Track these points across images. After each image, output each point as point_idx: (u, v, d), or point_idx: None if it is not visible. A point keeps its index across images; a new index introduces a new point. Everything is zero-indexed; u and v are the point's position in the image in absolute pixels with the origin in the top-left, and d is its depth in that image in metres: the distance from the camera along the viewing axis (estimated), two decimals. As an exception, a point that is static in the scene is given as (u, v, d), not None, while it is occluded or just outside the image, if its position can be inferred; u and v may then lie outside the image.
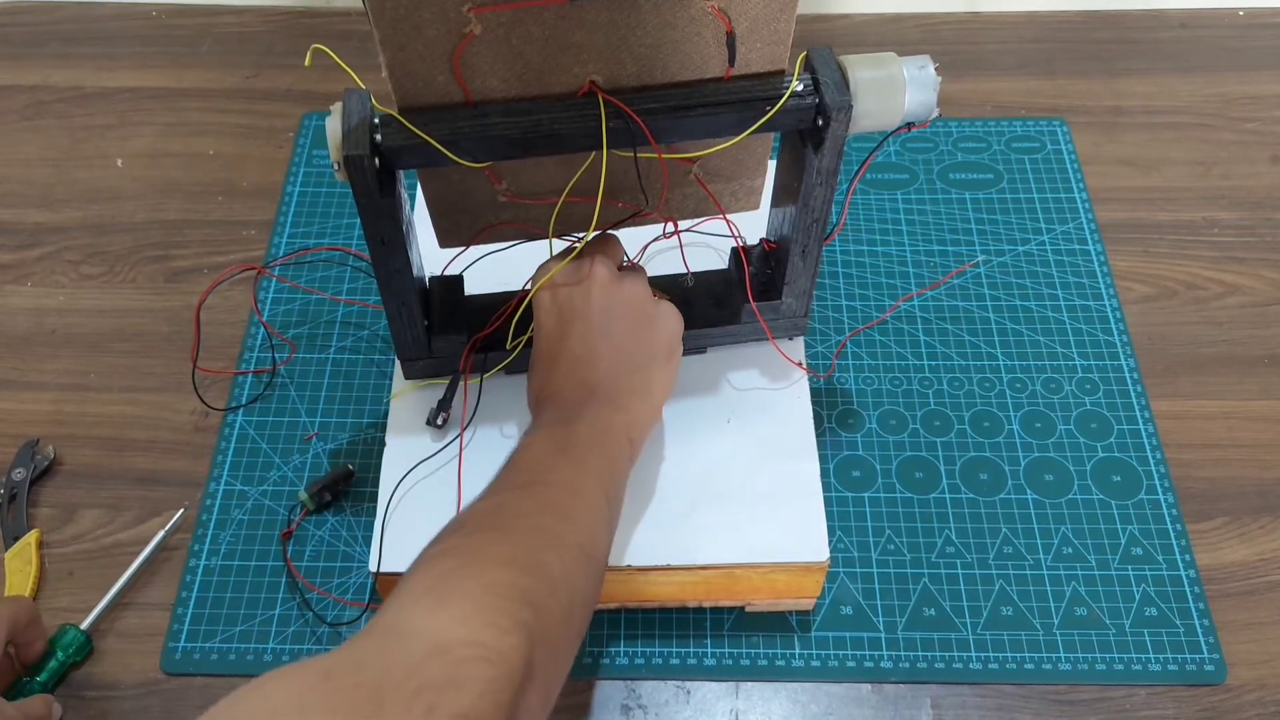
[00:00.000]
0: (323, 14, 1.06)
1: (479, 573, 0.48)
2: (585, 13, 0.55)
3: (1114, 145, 0.95)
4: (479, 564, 0.48)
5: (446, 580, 0.47)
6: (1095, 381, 0.80)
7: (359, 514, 0.73)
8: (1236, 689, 0.67)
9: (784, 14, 0.57)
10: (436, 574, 0.48)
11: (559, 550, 0.51)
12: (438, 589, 0.47)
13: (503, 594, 0.47)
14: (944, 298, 0.84)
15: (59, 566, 0.72)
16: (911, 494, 0.74)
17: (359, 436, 0.77)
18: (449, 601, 0.46)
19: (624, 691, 0.67)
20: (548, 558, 0.50)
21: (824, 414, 0.78)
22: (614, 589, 0.66)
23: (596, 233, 0.66)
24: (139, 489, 0.75)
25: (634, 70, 0.58)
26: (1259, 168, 0.94)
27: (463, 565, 0.48)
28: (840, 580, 0.71)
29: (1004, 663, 0.67)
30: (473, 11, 0.53)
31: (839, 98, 0.57)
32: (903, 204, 0.91)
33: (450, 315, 0.69)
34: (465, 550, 0.49)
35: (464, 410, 0.68)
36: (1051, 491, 0.74)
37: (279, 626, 0.69)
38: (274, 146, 0.95)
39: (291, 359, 0.81)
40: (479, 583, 0.47)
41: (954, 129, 0.96)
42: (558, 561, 0.51)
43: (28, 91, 0.99)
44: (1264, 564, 0.72)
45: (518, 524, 0.52)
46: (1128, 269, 0.87)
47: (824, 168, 0.60)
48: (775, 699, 0.67)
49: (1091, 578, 0.71)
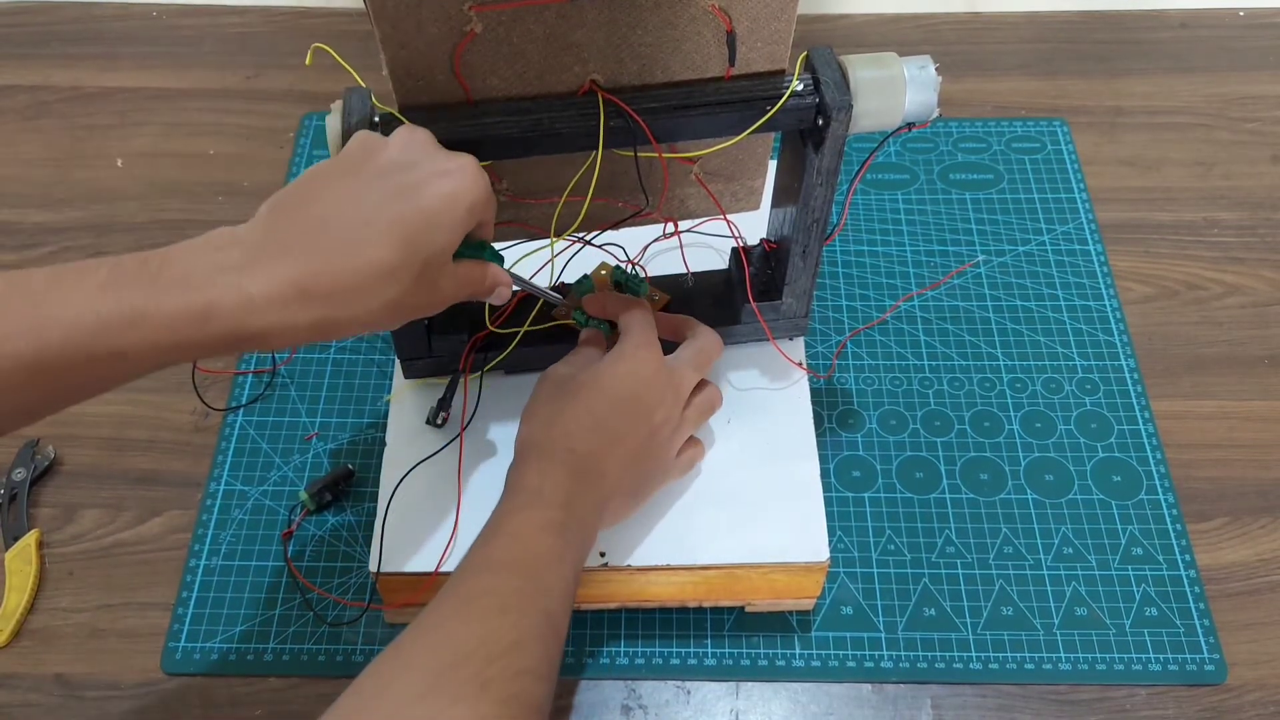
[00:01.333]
0: (323, 14, 1.06)
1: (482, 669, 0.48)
2: (586, 11, 0.55)
3: (1114, 145, 0.95)
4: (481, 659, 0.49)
5: (447, 675, 0.48)
6: (1095, 381, 0.80)
7: (359, 514, 0.73)
8: (1237, 689, 0.67)
9: (784, 14, 0.57)
10: (437, 668, 0.48)
11: (552, 640, 0.52)
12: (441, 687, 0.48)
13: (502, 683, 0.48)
14: (944, 298, 0.84)
15: (59, 566, 0.72)
16: (911, 494, 0.74)
17: (359, 436, 0.77)
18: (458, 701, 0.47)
19: (624, 691, 0.67)
20: (538, 649, 0.51)
21: (824, 414, 0.78)
22: (614, 589, 0.66)
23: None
24: (139, 489, 0.75)
25: (634, 69, 0.58)
26: (1259, 168, 0.94)
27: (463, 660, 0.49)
28: (840, 580, 0.71)
29: (1004, 663, 0.67)
30: (474, 10, 0.53)
31: (839, 98, 0.57)
32: (903, 204, 0.91)
33: (450, 314, 0.69)
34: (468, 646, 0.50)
35: (464, 409, 0.68)
36: (1052, 491, 0.74)
37: (279, 626, 0.69)
38: (275, 146, 0.95)
39: (291, 359, 0.81)
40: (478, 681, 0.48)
41: (954, 129, 0.96)
42: (545, 650, 0.52)
43: (28, 91, 0.99)
44: (1264, 564, 0.72)
45: (518, 615, 0.52)
46: (1128, 269, 0.87)
47: (824, 168, 0.60)
48: (775, 699, 0.67)
49: (1092, 578, 0.71)
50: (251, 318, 0.48)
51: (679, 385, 0.62)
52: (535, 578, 0.53)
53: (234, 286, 0.47)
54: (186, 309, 0.46)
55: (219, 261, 0.48)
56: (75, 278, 0.46)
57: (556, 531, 0.55)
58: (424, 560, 0.63)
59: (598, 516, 0.59)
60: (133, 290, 0.46)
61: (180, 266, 0.47)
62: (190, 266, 0.48)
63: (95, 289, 0.46)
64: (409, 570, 0.63)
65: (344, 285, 0.49)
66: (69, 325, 0.45)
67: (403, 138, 0.53)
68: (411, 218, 0.50)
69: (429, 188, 0.51)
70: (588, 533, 0.58)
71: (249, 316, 0.47)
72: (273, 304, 0.48)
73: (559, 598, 0.53)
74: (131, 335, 0.46)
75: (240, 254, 0.48)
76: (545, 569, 0.53)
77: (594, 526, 0.58)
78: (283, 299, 0.48)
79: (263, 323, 0.48)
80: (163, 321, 0.46)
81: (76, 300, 0.45)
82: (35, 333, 0.45)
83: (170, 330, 0.46)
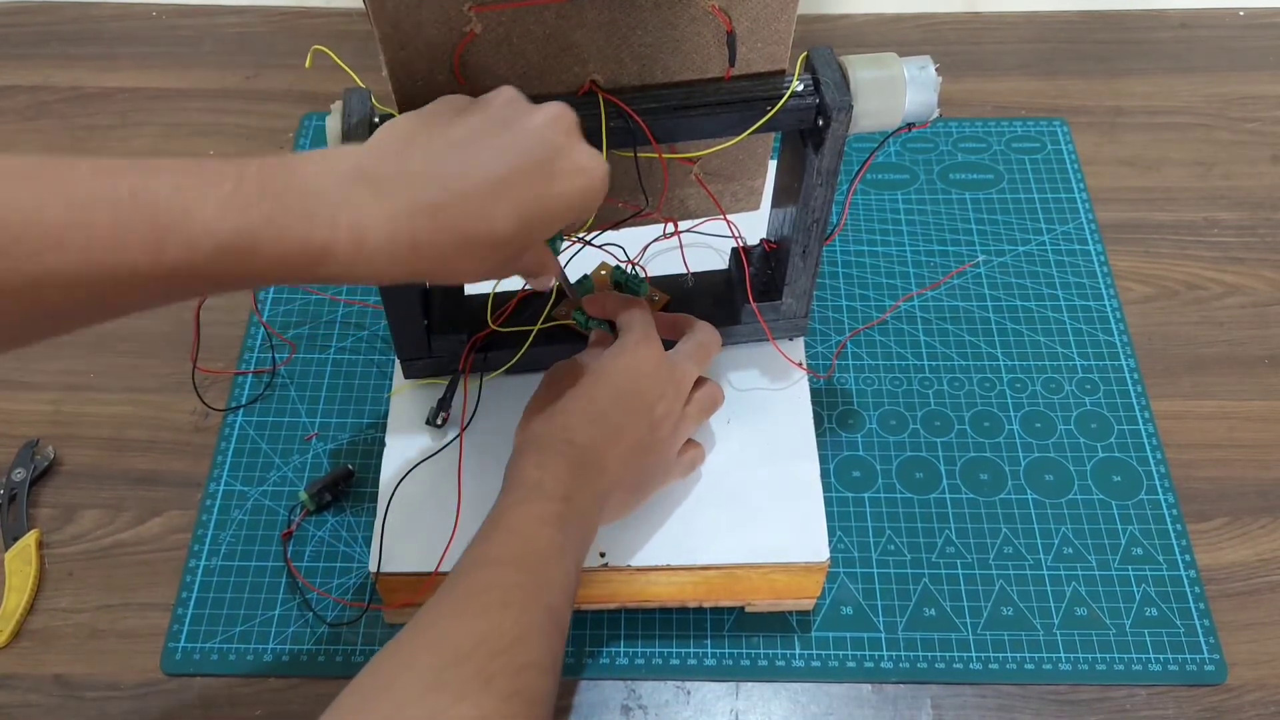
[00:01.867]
0: (323, 14, 1.06)
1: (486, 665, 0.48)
2: (586, 12, 0.55)
3: (1114, 145, 0.95)
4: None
5: (450, 672, 0.48)
6: (1095, 381, 0.80)
7: (359, 514, 0.73)
8: (1237, 689, 0.67)
9: (784, 14, 0.57)
10: (440, 663, 0.48)
11: (554, 634, 0.52)
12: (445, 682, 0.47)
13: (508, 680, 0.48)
14: (944, 298, 0.84)
15: (59, 567, 0.72)
16: (911, 494, 0.74)
17: (359, 436, 0.77)
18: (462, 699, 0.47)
19: (624, 691, 0.67)
20: (541, 643, 0.51)
21: (824, 414, 0.78)
22: (614, 589, 0.66)
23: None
24: (139, 489, 0.75)
25: (634, 70, 0.58)
26: (1259, 168, 0.94)
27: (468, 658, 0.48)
28: (840, 580, 0.71)
29: (1004, 663, 0.67)
30: (473, 10, 0.53)
31: (839, 98, 0.57)
32: (903, 204, 0.91)
33: (450, 314, 0.69)
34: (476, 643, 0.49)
35: (464, 410, 0.68)
36: (1052, 491, 0.74)
37: (279, 626, 0.69)
38: (274, 146, 0.95)
39: (291, 359, 0.81)
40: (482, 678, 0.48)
41: (954, 129, 0.96)
42: (549, 644, 0.51)
43: (28, 92, 0.99)
44: (1264, 564, 0.72)
45: (521, 611, 0.52)
46: (1128, 269, 0.87)
47: (824, 168, 0.60)
48: (775, 699, 0.67)
49: (1092, 578, 0.71)
50: (359, 266, 0.46)
51: (680, 380, 0.62)
52: (536, 572, 0.53)
53: (355, 231, 0.45)
54: (303, 250, 0.44)
55: (346, 197, 0.45)
56: (197, 189, 0.43)
57: (557, 524, 0.54)
58: (424, 560, 0.63)
59: (598, 510, 0.58)
60: (254, 215, 0.43)
61: (305, 194, 0.45)
62: (315, 198, 0.45)
63: (218, 207, 0.43)
64: (409, 570, 0.63)
65: (459, 249, 0.47)
66: (187, 247, 0.42)
67: (553, 110, 0.51)
68: (542, 203, 0.49)
69: (567, 181, 0.50)
70: (588, 526, 0.58)
71: (357, 265, 0.45)
72: (384, 255, 0.46)
73: (560, 591, 0.53)
74: (240, 266, 0.44)
75: (368, 193, 0.46)
76: (546, 563, 0.53)
77: (594, 520, 0.58)
78: (395, 253, 0.46)
79: (366, 271, 0.46)
80: (276, 258, 0.44)
81: (199, 219, 0.42)
82: (155, 248, 0.42)
83: (279, 265, 0.44)
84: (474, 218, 0.47)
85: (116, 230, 0.41)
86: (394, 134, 0.49)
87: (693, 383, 0.63)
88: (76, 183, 0.41)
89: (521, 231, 0.49)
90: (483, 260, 0.49)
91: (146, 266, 0.42)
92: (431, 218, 0.46)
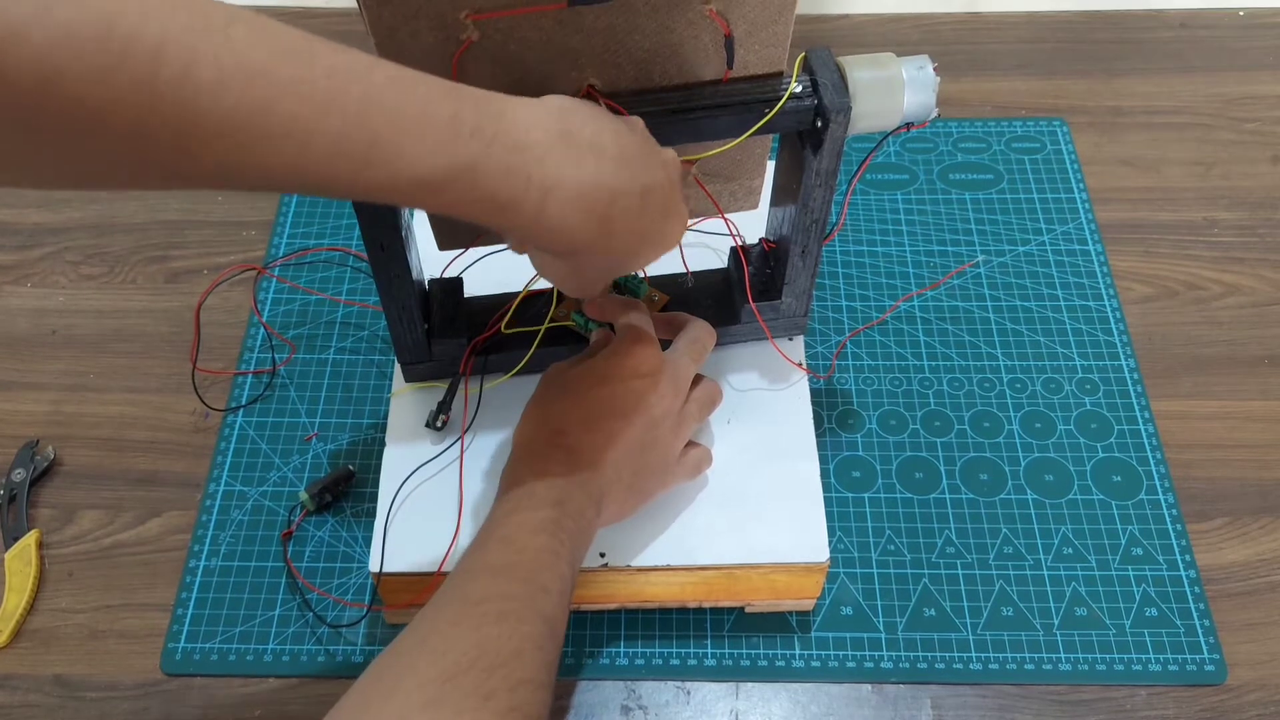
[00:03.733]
0: (323, 14, 1.06)
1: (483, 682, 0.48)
2: (583, 18, 0.55)
3: (1114, 145, 0.95)
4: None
5: (449, 685, 0.48)
6: (1095, 381, 0.80)
7: (359, 515, 0.73)
8: (1237, 689, 0.67)
9: (782, 16, 0.57)
10: (438, 678, 0.48)
11: (550, 646, 0.52)
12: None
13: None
14: (944, 298, 0.84)
15: (59, 567, 0.72)
16: (911, 494, 0.74)
17: (359, 437, 0.77)
18: None
19: (624, 692, 0.67)
20: (537, 657, 0.51)
21: (824, 414, 0.78)
22: (613, 589, 0.66)
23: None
24: (139, 489, 0.75)
25: (632, 74, 0.58)
26: (1259, 168, 0.94)
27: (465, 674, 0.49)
28: (840, 580, 0.71)
29: (1004, 663, 0.67)
30: (470, 18, 0.53)
31: (838, 99, 0.57)
32: (903, 204, 0.91)
33: (450, 318, 0.69)
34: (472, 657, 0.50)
35: (464, 413, 0.68)
36: (1051, 492, 0.74)
37: (279, 627, 0.69)
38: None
39: (291, 359, 0.81)
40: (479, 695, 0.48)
41: (954, 129, 0.96)
42: (544, 657, 0.52)
43: (28, 92, 0.99)
44: (1264, 564, 0.72)
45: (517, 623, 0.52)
46: (1128, 269, 0.87)
47: (823, 169, 0.60)
48: (775, 699, 0.67)
49: (1092, 578, 0.71)
50: (535, 228, 0.48)
51: (678, 378, 0.62)
52: (531, 580, 0.53)
53: (540, 192, 0.47)
54: (493, 198, 0.46)
55: (547, 156, 0.47)
56: (416, 120, 0.43)
57: (550, 531, 0.55)
58: (425, 561, 0.63)
59: (595, 512, 0.58)
60: (460, 156, 0.44)
61: (511, 147, 0.46)
62: (520, 153, 0.46)
63: (429, 145, 0.43)
64: (411, 571, 0.63)
65: (620, 238, 0.51)
66: (390, 176, 0.43)
67: (671, 155, 0.56)
68: (661, 240, 0.55)
69: (674, 225, 0.56)
70: (584, 528, 0.58)
71: (532, 227, 0.48)
72: (557, 220, 0.48)
73: (556, 596, 0.53)
74: (429, 199, 0.45)
75: (568, 158, 0.48)
76: (541, 570, 0.53)
77: (591, 521, 0.58)
78: (566, 222, 0.48)
79: (533, 233, 0.49)
80: (471, 198, 0.45)
81: (409, 155, 0.43)
82: (361, 166, 0.42)
83: (469, 205, 0.46)
84: (634, 215, 0.51)
85: (330, 148, 0.41)
86: (580, 105, 0.51)
87: (691, 380, 0.64)
88: (314, 82, 0.40)
89: (644, 256, 0.56)
90: (629, 258, 0.55)
91: (346, 178, 0.42)
92: (610, 204, 0.49)
